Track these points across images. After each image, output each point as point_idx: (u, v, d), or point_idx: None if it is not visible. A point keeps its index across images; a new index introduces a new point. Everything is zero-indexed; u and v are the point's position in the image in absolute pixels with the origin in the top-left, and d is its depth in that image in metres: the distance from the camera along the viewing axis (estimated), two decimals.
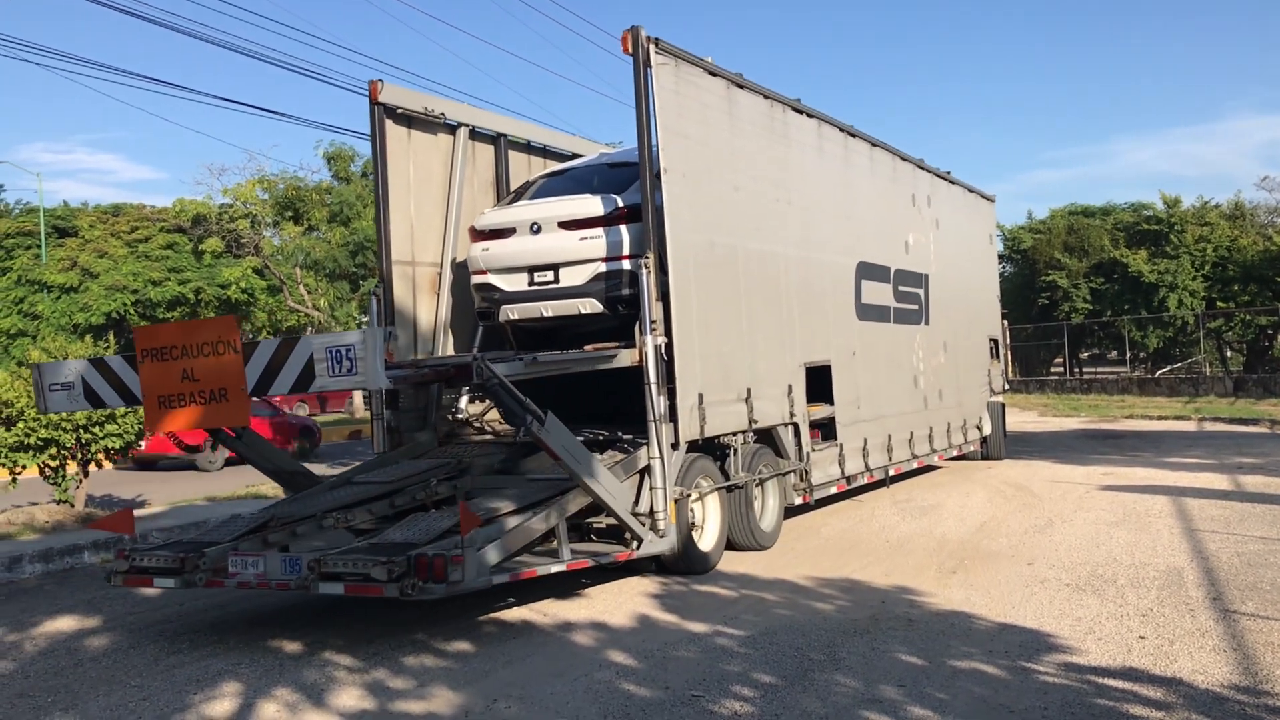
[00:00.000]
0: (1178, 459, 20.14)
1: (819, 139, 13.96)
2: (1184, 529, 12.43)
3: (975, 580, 10.11)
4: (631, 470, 10.32)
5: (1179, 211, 46.38)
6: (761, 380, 12.11)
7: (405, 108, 12.19)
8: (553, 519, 9.37)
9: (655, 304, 10.51)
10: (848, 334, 14.44)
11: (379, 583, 7.97)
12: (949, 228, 18.66)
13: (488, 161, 13.47)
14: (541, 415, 8.81)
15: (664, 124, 10.64)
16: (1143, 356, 47.86)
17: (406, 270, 12.32)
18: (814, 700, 6.72)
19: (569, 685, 7.22)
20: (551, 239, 11.52)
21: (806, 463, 12.97)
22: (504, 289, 11.83)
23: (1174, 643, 7.77)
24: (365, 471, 11.35)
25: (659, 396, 10.38)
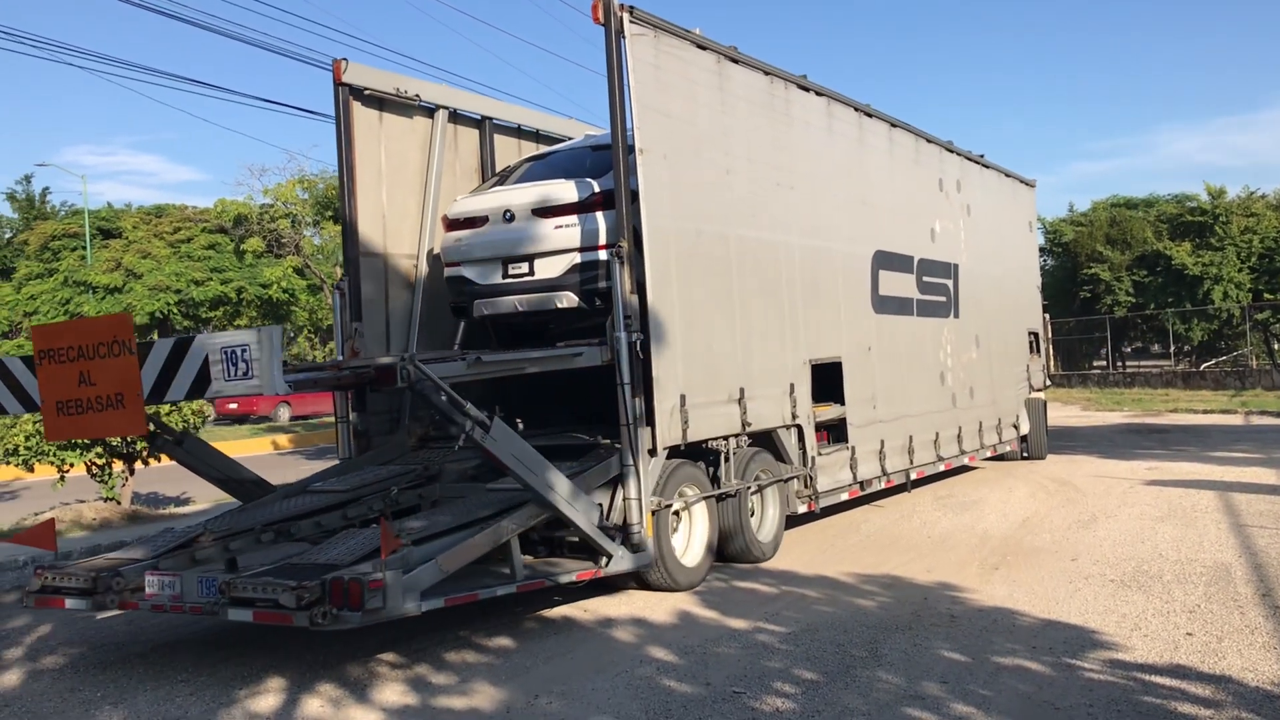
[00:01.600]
0: (1224, 453, 19.23)
1: (828, 118, 12.51)
2: (1231, 524, 11.92)
3: (1018, 576, 9.77)
4: (601, 479, 9.09)
5: (1224, 202, 44.38)
6: (757, 379, 10.74)
7: (374, 89, 10.95)
8: (504, 534, 8.12)
9: (629, 297, 9.24)
10: (862, 328, 12.98)
11: (288, 610, 6.82)
12: (982, 214, 17.02)
13: (471, 147, 12.20)
14: (485, 421, 7.65)
15: (640, 100, 9.36)
16: (1187, 350, 46.13)
17: (377, 263, 11.09)
18: (856, 697, 6.53)
19: (610, 681, 7.05)
20: (525, 227, 10.23)
21: (811, 468, 11.57)
22: (477, 282, 10.57)
23: (1222, 640, 7.48)
24: (325, 479, 10.13)
25: (633, 399, 9.10)
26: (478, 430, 7.64)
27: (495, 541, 8.05)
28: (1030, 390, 18.85)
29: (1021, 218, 19.49)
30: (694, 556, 9.94)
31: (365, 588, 6.80)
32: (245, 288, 38.43)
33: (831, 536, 12.24)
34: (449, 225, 10.83)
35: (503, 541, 8.13)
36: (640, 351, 9.18)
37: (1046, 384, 20.25)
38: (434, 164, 11.53)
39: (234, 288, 38.38)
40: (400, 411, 11.05)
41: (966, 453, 15.73)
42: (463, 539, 7.85)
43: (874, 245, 13.38)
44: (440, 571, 7.52)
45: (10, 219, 45.35)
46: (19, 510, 16.70)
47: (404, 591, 7.10)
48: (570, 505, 8.36)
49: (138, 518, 14.99)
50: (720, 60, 10.56)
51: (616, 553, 8.86)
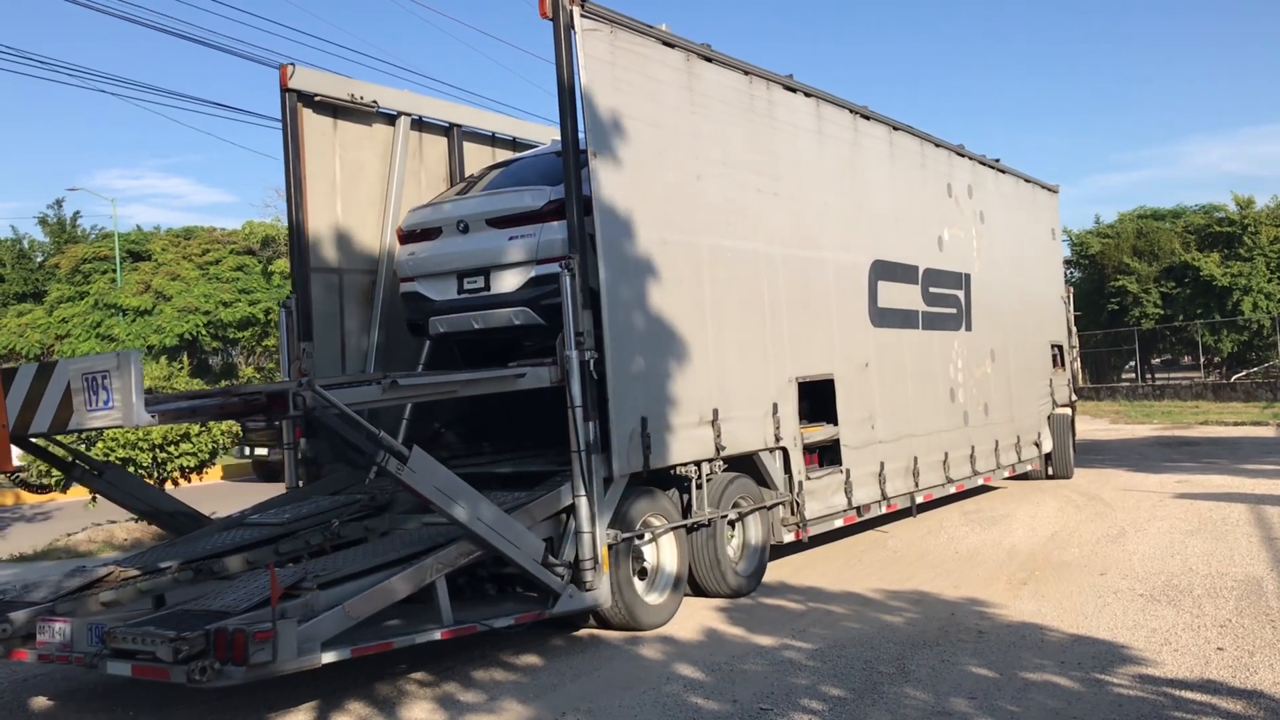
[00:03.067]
0: (1255, 466, 18.59)
1: (817, 120, 11.43)
2: (1263, 537, 11.52)
3: (1046, 591, 9.49)
4: (549, 510, 8.09)
5: (1252, 212, 43.11)
6: (734, 399, 9.67)
7: (326, 95, 10.00)
8: (428, 574, 7.11)
9: (582, 313, 8.23)
10: (859, 343, 11.85)
11: (164, 664, 5.92)
12: (998, 221, 15.77)
13: (439, 155, 11.22)
14: (404, 452, 6.69)
15: (594, 101, 8.40)
16: (1217, 361, 44.54)
17: (331, 279, 10.13)
18: (883, 713, 6.37)
19: (637, 698, 6.88)
20: (480, 239, 9.27)
21: (798, 493, 10.45)
22: (432, 298, 9.61)
23: (1254, 654, 7.23)
24: (265, 510, 9.17)
25: (586, 423, 8.08)
26: (392, 461, 6.68)
27: (418, 583, 7.06)
28: (1054, 406, 17.51)
29: (1043, 225, 18.11)
30: (660, 593, 8.92)
31: (250, 639, 5.88)
32: (273, 309, 37.81)
33: (859, 552, 11.86)
34: (403, 238, 9.89)
35: (426, 583, 7.12)
36: (595, 371, 8.19)
37: (1072, 399, 18.80)
38: (395, 174, 10.57)
39: (262, 309, 37.84)
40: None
41: (981, 473, 14.45)
42: (377, 581, 6.86)
43: (872, 255, 12.24)
44: (347, 618, 6.58)
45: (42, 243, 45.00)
46: (52, 531, 16.19)
47: (300, 642, 6.17)
48: (506, 541, 7.37)
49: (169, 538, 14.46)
50: (690, 58, 9.54)
51: (565, 592, 7.87)
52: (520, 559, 7.51)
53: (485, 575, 8.42)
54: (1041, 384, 17.13)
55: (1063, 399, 17.96)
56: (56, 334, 37.91)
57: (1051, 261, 18.70)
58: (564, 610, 7.89)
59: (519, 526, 7.56)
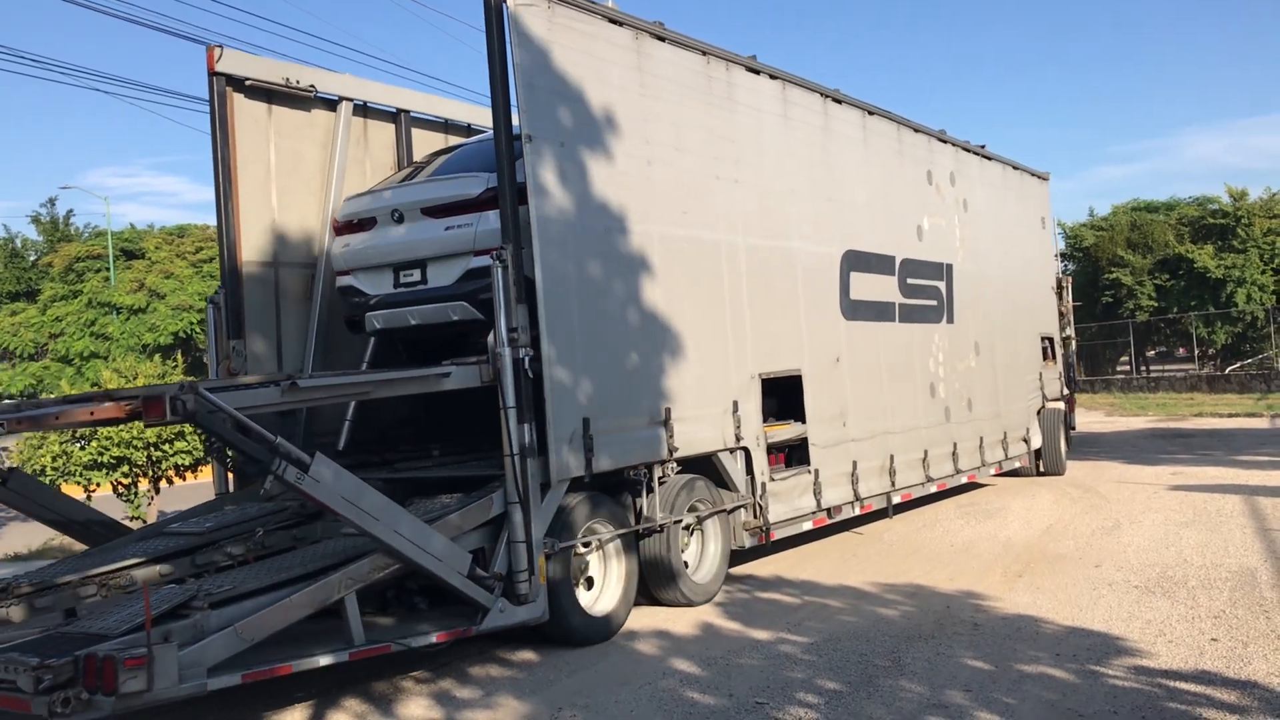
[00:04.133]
0: (1249, 457, 18.28)
1: (784, 104, 10.68)
2: (1257, 529, 11.34)
3: (1042, 583, 9.35)
4: (478, 520, 7.39)
5: (1246, 204, 42.41)
6: (690, 398, 8.94)
7: (258, 79, 9.28)
8: (335, 591, 6.41)
9: (515, 307, 7.52)
10: (829, 337, 11.10)
11: (25, 695, 5.24)
12: (983, 210, 14.94)
13: (386, 143, 10.49)
14: (304, 459, 5.94)
15: (528, 81, 7.74)
16: (1211, 353, 43.93)
17: (266, 272, 9.42)
18: (879, 707, 6.29)
19: (633, 693, 6.77)
20: (415, 229, 8.58)
21: (761, 495, 9.73)
22: (367, 292, 8.91)
23: (1248, 645, 7.15)
24: (188, 518, 8.46)
25: (520, 425, 7.37)
26: (291, 470, 5.97)
27: (322, 601, 6.36)
28: (1044, 400, 16.71)
29: (1032, 213, 17.19)
30: (607, 604, 8.23)
31: (120, 666, 5.20)
32: None
33: (854, 546, 11.65)
34: (338, 228, 9.21)
35: (333, 600, 6.41)
36: (530, 370, 7.47)
37: (1064, 393, 17.94)
38: (336, 163, 9.84)
39: None
40: (293, 437, 9.32)
41: (964, 471, 13.66)
42: (276, 600, 6.15)
43: (844, 245, 11.49)
44: (239, 640, 5.90)
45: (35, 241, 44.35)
46: (47, 530, 15.55)
47: (183, 668, 5.51)
48: (425, 553, 6.68)
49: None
50: (640, 37, 8.82)
51: (495, 606, 7.17)
52: (442, 572, 6.81)
53: (415, 588, 7.72)
54: (1030, 378, 16.31)
55: (1053, 393, 17.15)
56: (50, 333, 37.28)
57: (1042, 251, 17.73)
58: (494, 626, 7.20)
59: (441, 538, 6.85)
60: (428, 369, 7.50)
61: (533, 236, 7.59)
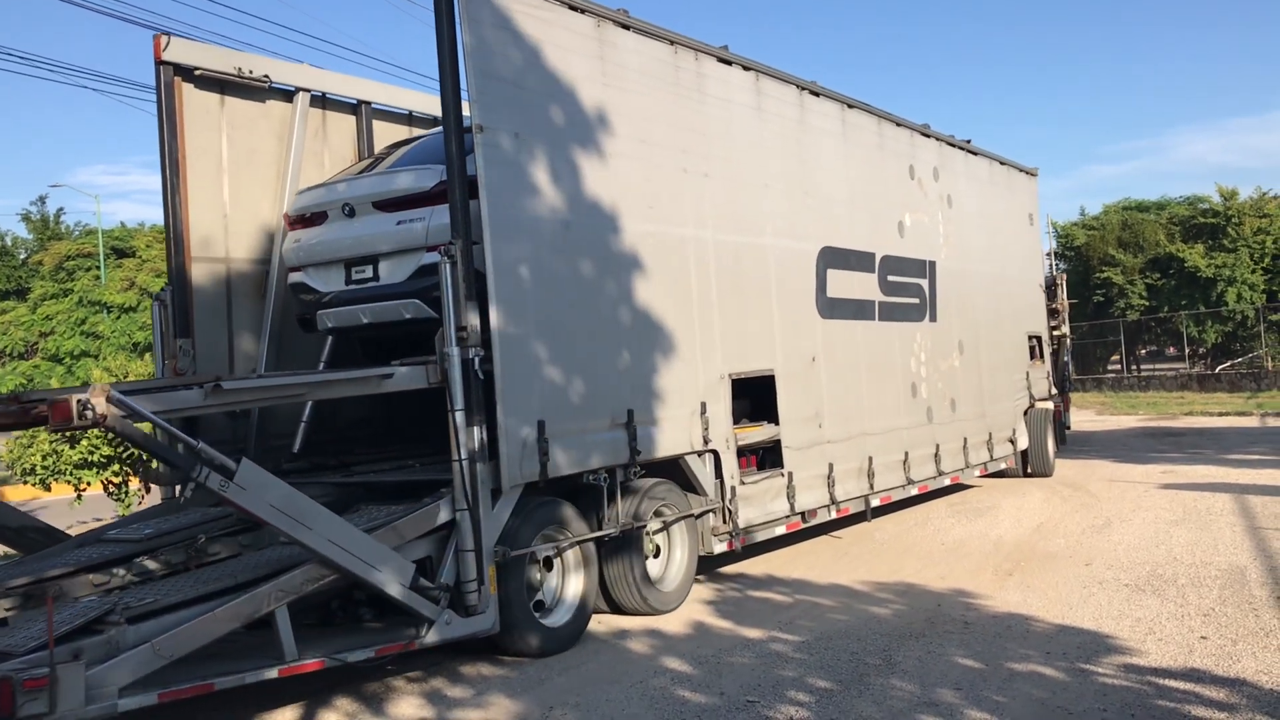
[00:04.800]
0: (1240, 456, 18.10)
1: (757, 96, 10.25)
2: (1247, 527, 11.30)
3: (1032, 582, 9.30)
4: (423, 528, 6.96)
5: (1236, 204, 41.80)
6: (654, 399, 8.53)
7: (209, 69, 8.85)
8: (264, 604, 5.98)
9: (465, 305, 7.10)
10: (805, 335, 10.67)
11: None
12: (968, 206, 14.48)
13: (346, 135, 10.08)
14: (229, 464, 5.53)
15: (481, 69, 7.33)
16: (1201, 352, 43.44)
17: (217, 269, 9.01)
18: (870, 705, 6.26)
19: (625, 692, 6.72)
20: (367, 224, 8.16)
21: (731, 500, 9.30)
22: (318, 289, 8.49)
23: (1237, 643, 7.14)
24: (131, 524, 8.03)
25: (469, 428, 6.95)
26: (214, 477, 5.55)
27: (250, 614, 5.95)
28: (1031, 401, 16.24)
29: (1019, 210, 16.67)
30: (564, 614, 7.81)
31: (18, 688, 4.82)
32: None
33: (845, 544, 11.57)
34: (290, 223, 8.80)
35: (263, 614, 5.98)
36: (481, 370, 7.05)
37: (1051, 392, 17.48)
38: (293, 155, 9.41)
39: None
40: (247, 439, 8.92)
41: (947, 473, 13.21)
42: (199, 614, 5.74)
43: (821, 241, 11.06)
44: (156, 658, 5.51)
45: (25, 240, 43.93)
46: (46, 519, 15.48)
47: (91, 688, 5.13)
48: (363, 563, 6.28)
49: None
50: (602, 25, 8.40)
51: (440, 618, 6.77)
52: (381, 583, 6.40)
53: (363, 599, 7.30)
54: (1017, 377, 15.85)
55: (1041, 393, 16.69)
56: (40, 331, 36.77)
57: (1029, 248, 17.22)
58: (440, 639, 6.79)
59: (380, 547, 6.44)
60: (368, 370, 7.08)
61: (484, 232, 7.17)
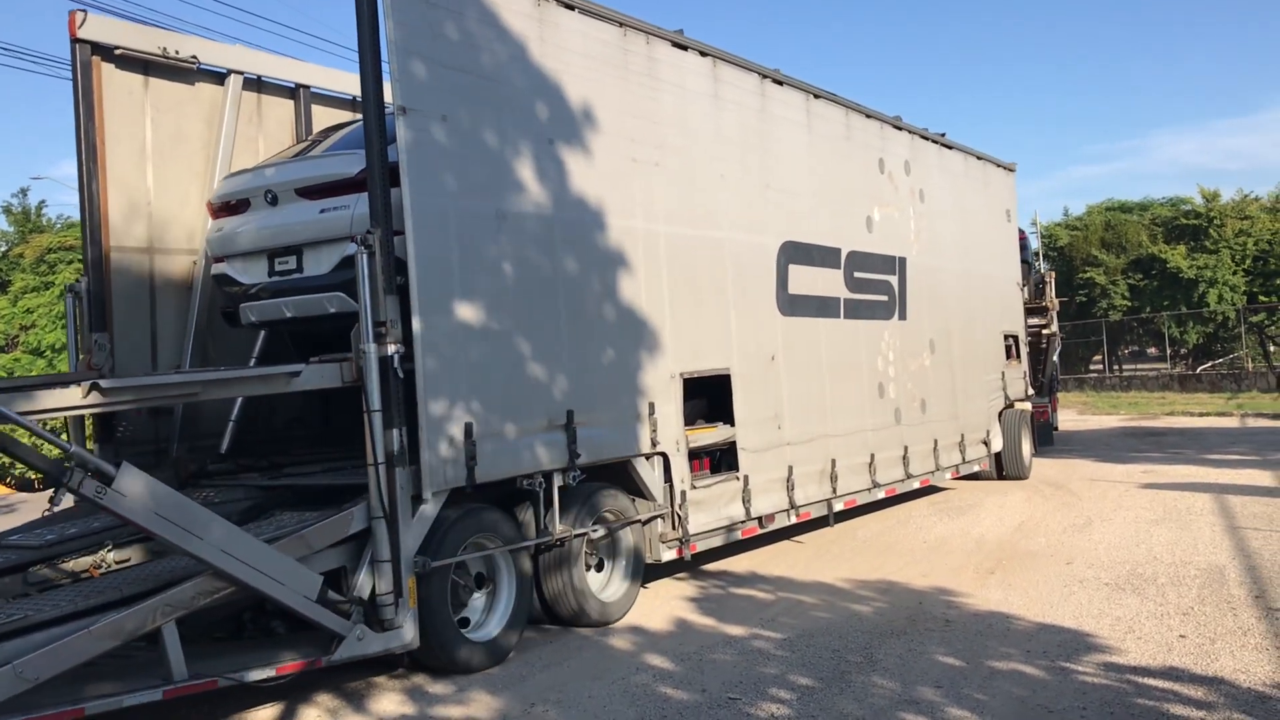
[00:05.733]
0: (1220, 456, 18.04)
1: (714, 84, 9.71)
2: (1226, 526, 11.27)
3: (1013, 580, 9.25)
4: (334, 536, 6.41)
5: (1218, 205, 41.86)
6: (597, 399, 7.99)
7: (130, 48, 8.28)
8: (150, 619, 5.42)
9: (384, 299, 6.56)
10: (764, 333, 10.14)
11: None
12: (942, 201, 13.90)
13: (283, 120, 9.50)
14: (108, 469, 5.00)
15: (406, 47, 6.79)
16: (1183, 353, 43.28)
17: (139, 260, 8.43)
18: (851, 702, 6.21)
19: (606, 688, 6.64)
20: (290, 212, 7.61)
21: (681, 505, 8.76)
22: (242, 281, 7.92)
23: (1215, 641, 7.10)
24: (35, 528, 7.46)
25: (386, 431, 6.41)
26: (90, 484, 5.00)
27: (133, 631, 5.41)
28: (1007, 401, 15.71)
29: (996, 205, 16.06)
30: (494, 627, 7.26)
31: None
32: None
33: (827, 542, 11.41)
34: (213, 211, 8.23)
35: (147, 630, 5.43)
36: (401, 369, 6.50)
37: (1029, 393, 16.93)
38: (223, 140, 8.85)
39: None
40: (169, 440, 8.37)
41: (916, 476, 12.69)
42: (73, 631, 5.18)
43: (782, 236, 10.51)
44: (20, 680, 4.96)
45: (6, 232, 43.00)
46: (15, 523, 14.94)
47: None
48: (263, 575, 5.74)
49: None
50: (543, 4, 7.85)
51: (352, 633, 6.23)
52: (283, 596, 5.86)
53: (275, 610, 6.73)
54: (992, 377, 15.30)
55: (1018, 393, 16.16)
56: (21, 324, 35.93)
57: (1006, 245, 16.58)
58: (351, 655, 6.25)
59: (282, 558, 5.89)
60: (272, 368, 6.54)
61: (406, 221, 6.62)
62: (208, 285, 8.56)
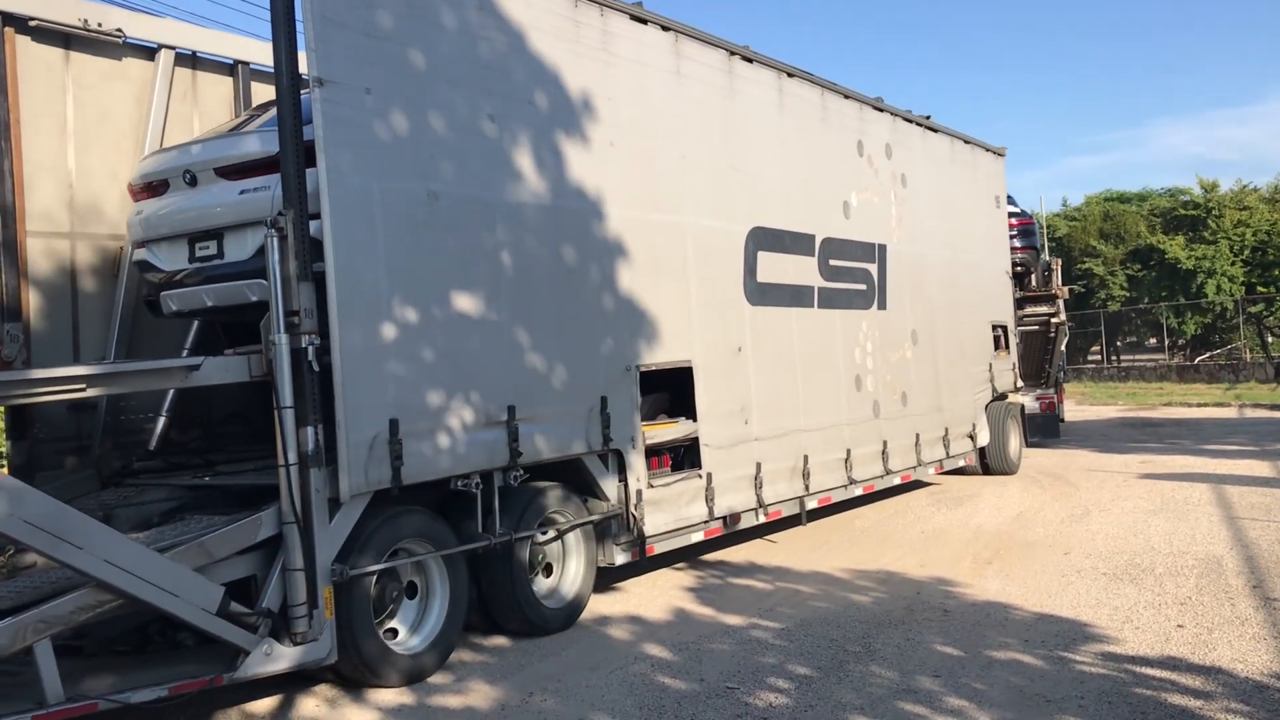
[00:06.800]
0: (1218, 446, 18.05)
1: (676, 59, 9.16)
2: (1224, 516, 11.26)
3: (1012, 570, 9.22)
4: (240, 544, 5.90)
5: (1216, 196, 41.71)
6: (542, 394, 7.47)
7: (46, 19, 7.72)
8: (21, 636, 4.94)
9: (297, 286, 6.06)
10: (730, 324, 9.61)
11: None
12: (925, 186, 13.31)
13: (222, 99, 8.94)
14: None
15: (320, 13, 6.23)
16: (1181, 343, 43.07)
17: (59, 246, 7.89)
18: (850, 692, 6.13)
19: (605, 678, 6.61)
20: (209, 193, 7.08)
21: (636, 505, 8.23)
22: (162, 267, 7.38)
23: (1213, 631, 7.08)
24: None
25: (299, 429, 5.91)
26: None
27: (5, 648, 4.85)
28: (994, 394, 15.14)
29: (984, 191, 15.41)
30: (425, 638, 6.77)
31: None
32: None
33: (826, 532, 11.41)
34: (133, 193, 7.67)
35: (17, 649, 4.90)
36: (318, 361, 5.96)
37: (1018, 385, 16.35)
38: (154, 120, 8.30)
39: None
40: (94, 437, 7.83)
41: (896, 472, 12.14)
42: None
43: (751, 221, 9.97)
44: None
45: None
46: None
47: None
48: (151, 587, 5.21)
49: None
50: None
51: (259, 647, 5.73)
52: (178, 610, 5.34)
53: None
54: (978, 369, 14.73)
55: (1006, 385, 15.60)
56: None
57: (995, 233, 15.90)
58: (258, 672, 5.75)
59: (175, 567, 5.38)
60: (170, 361, 6.03)
61: (323, 202, 6.08)
62: (134, 272, 8.02)
